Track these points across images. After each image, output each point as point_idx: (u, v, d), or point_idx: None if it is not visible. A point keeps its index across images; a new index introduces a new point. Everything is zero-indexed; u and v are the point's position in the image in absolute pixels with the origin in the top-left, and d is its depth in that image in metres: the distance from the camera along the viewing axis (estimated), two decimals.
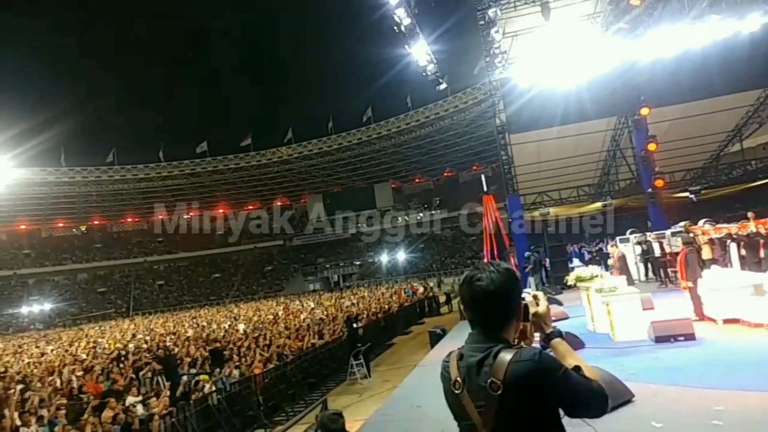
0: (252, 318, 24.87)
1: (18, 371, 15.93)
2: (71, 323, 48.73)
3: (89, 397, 11.48)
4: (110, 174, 58.85)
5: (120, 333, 27.07)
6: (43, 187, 57.74)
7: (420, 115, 53.62)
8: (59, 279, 58.97)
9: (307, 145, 58.90)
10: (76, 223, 66.95)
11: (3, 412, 10.17)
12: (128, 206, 66.46)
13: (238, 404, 10.98)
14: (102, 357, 17.07)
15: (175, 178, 62.02)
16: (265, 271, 61.62)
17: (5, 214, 59.90)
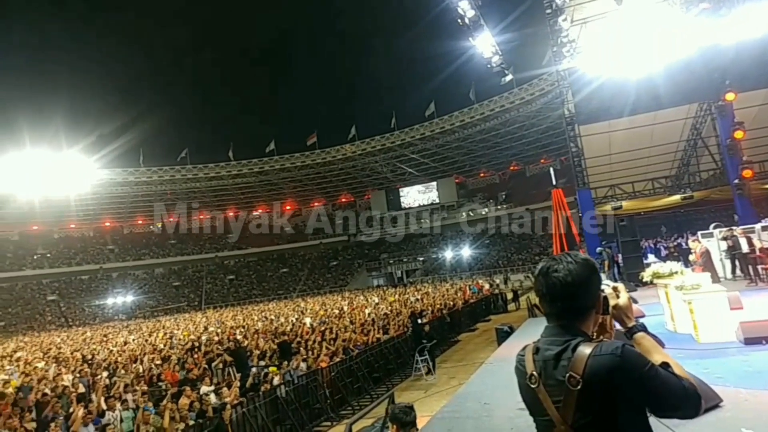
0: (318, 312, 25.32)
1: (104, 359, 17.00)
2: (150, 315, 51.69)
3: (167, 384, 12.09)
4: (183, 173, 61.72)
5: (193, 325, 28.27)
6: (124, 186, 61.46)
7: (484, 108, 52.58)
8: (139, 273, 62.59)
9: (370, 142, 59.27)
10: (152, 220, 70.92)
11: (91, 396, 10.91)
12: (201, 203, 69.56)
13: (306, 396, 11.15)
14: (177, 347, 17.91)
15: (244, 176, 64.21)
16: (331, 267, 62.74)
17: (92, 212, 64.54)
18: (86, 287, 58.75)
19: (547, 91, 46.81)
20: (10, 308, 52.65)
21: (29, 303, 54.41)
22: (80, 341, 26.94)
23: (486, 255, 53.21)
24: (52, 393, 11.05)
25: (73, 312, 54.78)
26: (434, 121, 55.52)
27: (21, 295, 54.90)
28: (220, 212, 71.96)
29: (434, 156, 61.46)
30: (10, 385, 13.40)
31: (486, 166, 64.77)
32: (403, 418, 3.52)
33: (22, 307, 53.42)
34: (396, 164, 63.69)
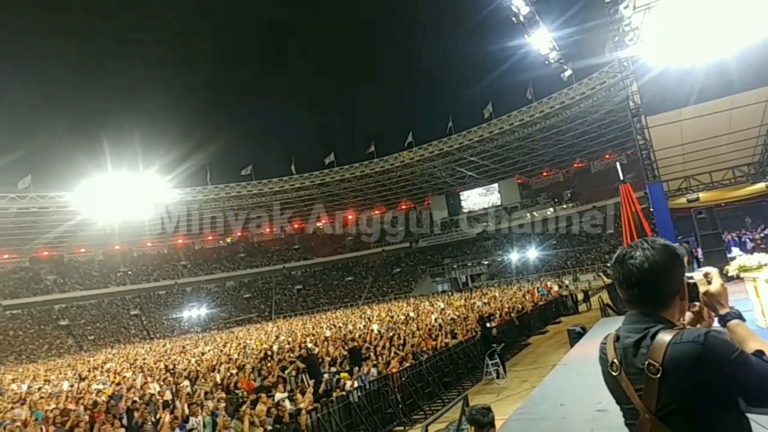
0: (385, 318, 25.49)
1: (184, 368, 17.85)
2: (223, 326, 53.76)
3: (243, 392, 12.56)
4: (249, 188, 63.89)
5: (265, 335, 29.15)
6: (193, 204, 64.36)
7: (543, 106, 51.26)
8: (211, 287, 65.21)
9: (427, 147, 59.17)
10: (222, 236, 73.97)
11: (175, 403, 11.49)
12: (266, 217, 71.77)
13: (378, 401, 11.27)
14: (251, 357, 18.54)
15: (306, 188, 65.71)
16: (394, 273, 62.97)
17: (166, 230, 67.94)
18: (164, 302, 61.86)
19: (608, 83, 45.15)
20: (98, 323, 56.26)
21: (115, 318, 57.92)
22: (161, 352, 28.41)
23: (553, 256, 51.76)
24: (140, 401, 11.73)
25: (154, 325, 57.84)
26: (492, 122, 54.71)
27: (107, 311, 58.52)
28: (285, 224, 74.16)
29: (494, 157, 60.55)
30: (103, 393, 14.35)
31: (549, 165, 63.14)
32: (481, 420, 3.51)
33: (108, 322, 56.95)
34: (455, 168, 63.25)
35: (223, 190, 62.92)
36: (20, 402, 14.90)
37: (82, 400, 13.50)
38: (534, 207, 60.62)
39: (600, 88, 47.00)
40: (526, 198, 62.54)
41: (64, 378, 21.30)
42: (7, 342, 50.44)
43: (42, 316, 55.27)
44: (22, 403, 14.71)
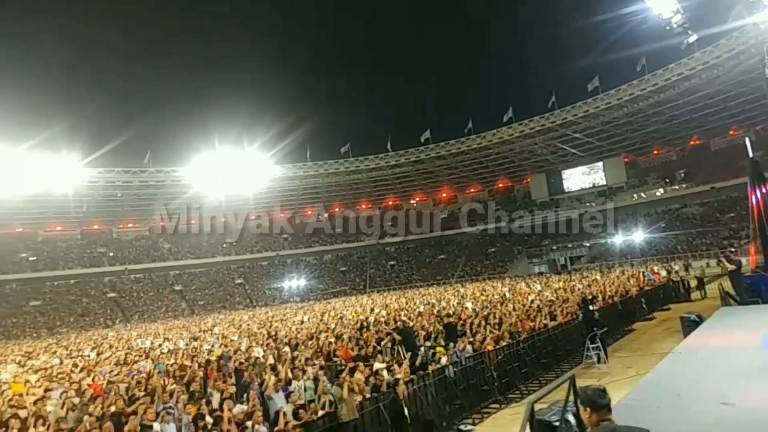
0: (479, 297, 25.16)
1: (285, 335, 18.75)
2: (320, 297, 55.98)
3: (341, 360, 12.96)
4: (346, 165, 65.30)
5: (360, 307, 29.88)
6: (294, 180, 67.02)
7: (658, 78, 47.19)
8: (310, 259, 67.89)
9: (528, 123, 56.92)
10: (321, 211, 76.55)
11: (278, 366, 12.09)
12: (362, 194, 73.20)
13: (473, 378, 11.19)
14: (348, 327, 19.09)
15: (402, 166, 66.03)
16: (489, 253, 61.92)
17: (267, 205, 71.59)
18: (266, 272, 65.41)
19: (738, 51, 40.67)
20: (207, 290, 60.79)
21: (221, 285, 62.24)
22: (264, 319, 30.10)
23: (662, 239, 48.20)
24: (246, 362, 12.49)
25: (256, 294, 61.49)
26: (599, 97, 51.38)
27: (215, 279, 62.99)
28: (380, 201, 75.33)
29: (599, 134, 57.07)
30: (213, 353, 15.46)
31: (660, 143, 58.43)
32: (598, 401, 3.28)
33: (216, 289, 61.36)
34: (557, 145, 60.44)
35: (322, 166, 64.82)
36: (145, 356, 16.48)
37: (197, 358, 14.65)
38: (641, 187, 56.68)
39: (726, 57, 42.46)
40: (633, 177, 58.59)
41: (180, 337, 23.23)
42: (132, 303, 56.02)
43: (160, 281, 60.66)
44: (147, 357, 16.27)
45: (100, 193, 58.71)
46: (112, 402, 9.26)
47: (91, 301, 54.66)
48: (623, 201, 55.93)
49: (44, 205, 57.07)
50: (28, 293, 52.94)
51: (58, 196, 54.08)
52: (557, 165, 63.91)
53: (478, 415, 10.47)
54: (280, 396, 9.53)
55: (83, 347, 23.81)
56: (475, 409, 10.64)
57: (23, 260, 55.48)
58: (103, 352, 19.92)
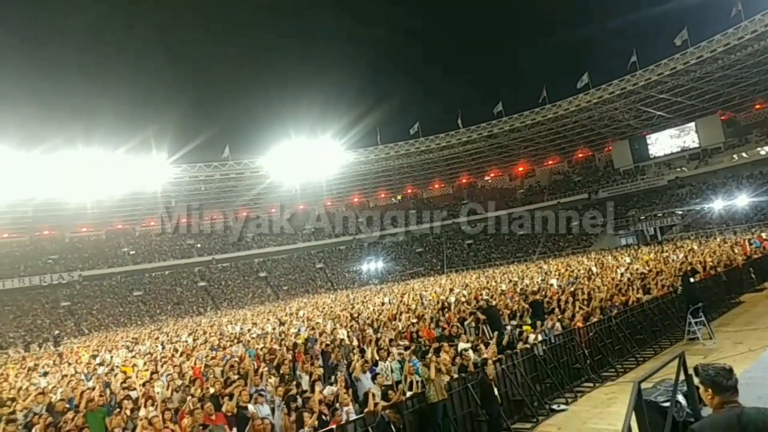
0: (564, 273, 24.23)
1: (367, 317, 18.95)
2: (398, 279, 56.37)
3: (424, 340, 12.87)
4: (417, 146, 64.84)
5: (439, 287, 29.69)
6: (366, 164, 67.54)
7: (757, 24, 42.57)
8: (386, 242, 68.35)
9: (607, 88, 53.61)
10: (393, 193, 76.96)
11: (363, 348, 12.18)
12: (435, 173, 72.56)
13: (563, 356, 10.88)
14: (429, 307, 18.98)
15: (474, 142, 64.64)
16: (571, 227, 59.46)
17: (342, 190, 72.93)
18: (344, 256, 66.70)
19: None
20: (290, 275, 62.96)
21: (303, 270, 64.20)
22: (345, 302, 30.68)
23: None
24: (332, 344, 12.69)
25: (336, 277, 62.95)
26: (688, 52, 47.23)
27: (297, 264, 65.04)
28: (453, 180, 74.45)
29: (690, 92, 52.70)
30: (300, 337, 15.89)
31: (763, 96, 53.02)
32: (723, 383, 2.89)
33: (298, 274, 63.40)
34: (640, 108, 56.65)
35: (393, 149, 64.78)
36: (236, 341, 17.24)
37: (284, 341, 15.10)
38: (743, 147, 51.94)
39: None
40: (731, 137, 53.83)
41: (267, 322, 24.14)
42: (221, 290, 59.10)
43: (245, 269, 63.50)
44: (238, 341, 17.00)
45: (186, 188, 62.10)
46: (210, 384, 9.71)
47: (184, 290, 58.24)
48: (721, 163, 51.66)
49: (138, 202, 61.33)
50: (131, 284, 57.20)
51: (149, 194, 58.14)
52: (641, 130, 60.01)
53: (571, 394, 10.22)
54: (367, 377, 9.61)
55: (181, 333, 25.34)
56: (567, 388, 10.39)
57: (125, 254, 59.92)
58: (198, 338, 21.08)
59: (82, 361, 18.77)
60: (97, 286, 55.68)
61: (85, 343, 29.81)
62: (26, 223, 57.26)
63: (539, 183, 69.09)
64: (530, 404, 9.44)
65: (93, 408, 8.76)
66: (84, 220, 58.60)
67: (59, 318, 49.52)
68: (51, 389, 11.84)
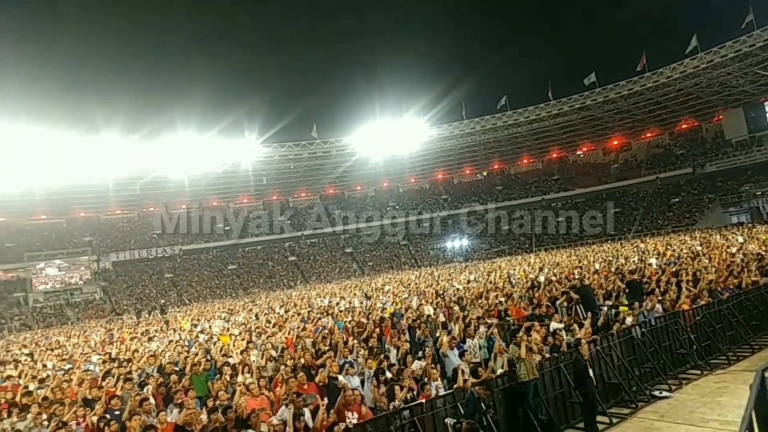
0: (665, 253, 22.64)
1: (453, 294, 18.78)
2: (484, 257, 55.54)
3: (513, 319, 12.54)
4: (504, 120, 62.85)
5: (528, 266, 28.83)
6: (450, 140, 66.54)
7: None
8: (471, 219, 67.36)
9: (718, 52, 48.68)
10: (479, 169, 75.44)
11: (449, 325, 12.06)
12: (523, 148, 70.16)
13: (665, 340, 10.22)
14: (517, 286, 18.45)
15: (565, 114, 61.61)
16: (672, 204, 55.52)
17: (426, 167, 72.56)
18: (428, 233, 66.54)
19: None
20: (374, 251, 64.03)
21: (387, 247, 65.02)
22: (430, 279, 30.62)
23: None
24: (418, 320, 12.69)
25: (420, 254, 63.20)
26: None
27: (381, 241, 65.88)
28: (542, 155, 71.65)
29: None
30: (386, 311, 16.05)
31: None
32: None
33: (382, 250, 64.32)
34: (758, 73, 50.90)
35: (479, 123, 63.26)
36: (325, 313, 17.74)
37: (371, 315, 15.31)
38: None
39: None
40: None
41: (354, 296, 24.66)
42: (309, 265, 61.32)
43: (332, 245, 65.35)
44: (327, 314, 17.49)
45: (276, 166, 64.47)
46: (301, 355, 10.04)
47: (275, 265, 61.04)
48: None
49: (232, 181, 64.59)
50: (226, 258, 60.78)
51: (242, 172, 61.16)
52: (758, 96, 54.17)
53: (675, 381, 9.56)
54: (455, 354, 9.55)
55: (273, 305, 26.53)
56: (670, 374, 9.75)
57: (220, 230, 63.55)
58: (289, 310, 21.94)
59: (184, 328, 20.18)
60: (196, 259, 59.71)
61: (186, 313, 32.04)
62: (134, 201, 62.34)
63: (636, 157, 64.88)
64: (628, 388, 8.96)
65: (197, 372, 9.41)
66: (183, 198, 62.80)
67: (164, 288, 53.72)
68: (160, 353, 12.84)
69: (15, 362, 16.10)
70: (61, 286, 51.02)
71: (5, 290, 49.00)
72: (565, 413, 8.39)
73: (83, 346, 18.99)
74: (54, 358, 16.22)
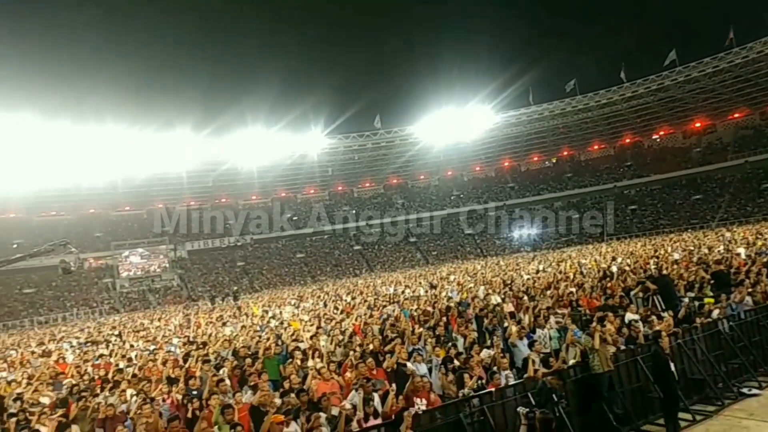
0: (754, 242, 21.07)
1: (522, 284, 18.31)
2: (553, 246, 53.95)
3: (585, 309, 12.09)
4: (573, 105, 60.52)
5: (599, 255, 27.72)
6: (517, 126, 64.93)
7: None
8: (538, 207, 65.55)
9: None
10: (547, 156, 73.12)
11: (518, 315, 11.80)
12: (594, 133, 67.33)
13: (756, 335, 9.59)
14: (588, 276, 17.75)
15: (640, 97, 58.55)
16: (762, 189, 51.42)
17: (492, 154, 71.23)
18: (494, 222, 65.38)
19: None
20: (438, 241, 63.73)
21: (452, 236, 64.54)
22: (496, 268, 30.08)
23: None
24: (485, 309, 12.49)
25: (486, 243, 62.23)
26: None
27: (445, 230, 65.48)
28: (614, 140, 68.47)
29: None
30: (452, 300, 15.91)
31: None
32: None
33: (447, 240, 63.91)
34: None
35: (547, 109, 61.32)
36: (391, 302, 17.84)
37: (437, 304, 15.23)
38: None
39: None
40: None
41: (419, 285, 24.63)
42: (374, 254, 61.92)
43: (396, 234, 65.57)
44: (393, 302, 17.59)
45: (341, 157, 65.45)
46: (369, 341, 10.15)
47: (341, 253, 62.12)
48: None
49: (299, 172, 66.22)
50: (294, 247, 62.48)
51: (308, 164, 62.74)
52: None
53: (766, 378, 8.93)
54: (524, 344, 9.37)
55: (340, 292, 26.99)
56: (761, 371, 9.16)
57: (288, 220, 65.29)
58: (355, 297, 22.24)
59: (255, 314, 20.92)
60: (266, 248, 61.74)
61: (258, 299, 33.22)
62: (207, 192, 65.27)
63: (721, 140, 60.59)
64: (713, 385, 8.47)
65: (270, 356, 9.74)
66: (253, 189, 65.08)
67: (236, 276, 55.94)
68: (234, 337, 13.38)
69: (106, 342, 17.60)
70: (142, 273, 54.31)
71: (96, 276, 52.70)
72: (644, 408, 8.02)
73: (164, 329, 20.16)
74: (140, 339, 17.38)
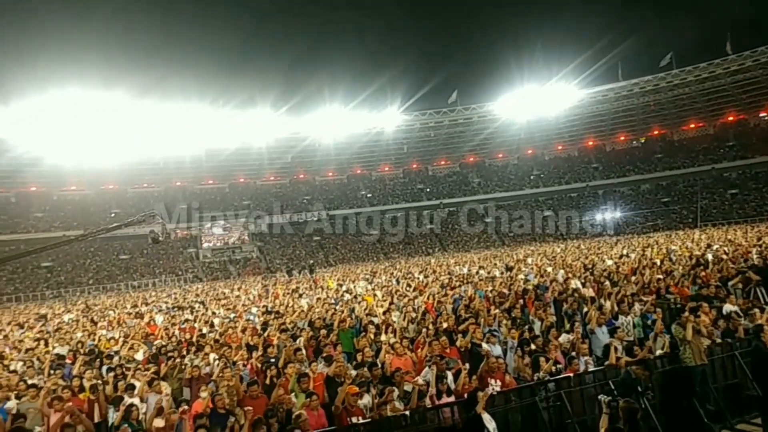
0: None
1: (603, 269, 17.45)
2: (638, 231, 51.10)
3: (675, 298, 11.33)
4: (668, 80, 56.45)
5: (691, 242, 25.96)
6: (603, 104, 61.60)
7: None
8: (624, 190, 62.29)
9: None
10: (635, 135, 68.86)
11: (599, 300, 11.24)
12: (690, 111, 62.59)
13: None
14: (678, 263, 16.64)
15: (747, 70, 53.68)
16: None
17: (575, 133, 68.10)
18: (575, 204, 62.85)
19: None
20: (515, 222, 61.96)
21: (529, 218, 62.52)
22: (576, 252, 28.92)
23: None
24: (565, 294, 12.02)
25: (566, 226, 59.77)
26: None
27: (523, 211, 63.52)
28: (714, 118, 63.22)
29: None
30: (529, 283, 15.46)
31: None
32: None
33: (525, 221, 61.98)
34: None
35: (637, 85, 57.68)
36: (465, 281, 17.62)
37: (513, 286, 14.86)
38: None
39: None
40: None
41: (494, 266, 24.15)
42: (447, 233, 61.46)
43: (471, 213, 64.53)
44: (467, 282, 17.36)
45: (416, 134, 65.08)
46: (443, 319, 10.06)
47: (414, 232, 62.11)
48: None
49: (374, 150, 66.61)
50: (368, 224, 63.21)
51: (384, 141, 63.09)
52: None
53: None
54: (603, 331, 8.96)
55: (413, 270, 27.03)
56: None
57: (362, 197, 66.07)
58: (428, 276, 22.16)
59: (330, 287, 21.41)
60: (341, 224, 62.89)
61: (332, 274, 33.98)
62: (286, 168, 67.25)
63: None
64: None
65: (344, 328, 9.92)
66: (330, 166, 66.28)
67: (312, 250, 57.55)
68: (309, 309, 13.76)
69: (191, 308, 18.72)
70: (222, 245, 57.15)
71: (181, 246, 56.05)
72: (738, 406, 7.42)
73: (244, 299, 21.12)
74: (221, 307, 18.32)
